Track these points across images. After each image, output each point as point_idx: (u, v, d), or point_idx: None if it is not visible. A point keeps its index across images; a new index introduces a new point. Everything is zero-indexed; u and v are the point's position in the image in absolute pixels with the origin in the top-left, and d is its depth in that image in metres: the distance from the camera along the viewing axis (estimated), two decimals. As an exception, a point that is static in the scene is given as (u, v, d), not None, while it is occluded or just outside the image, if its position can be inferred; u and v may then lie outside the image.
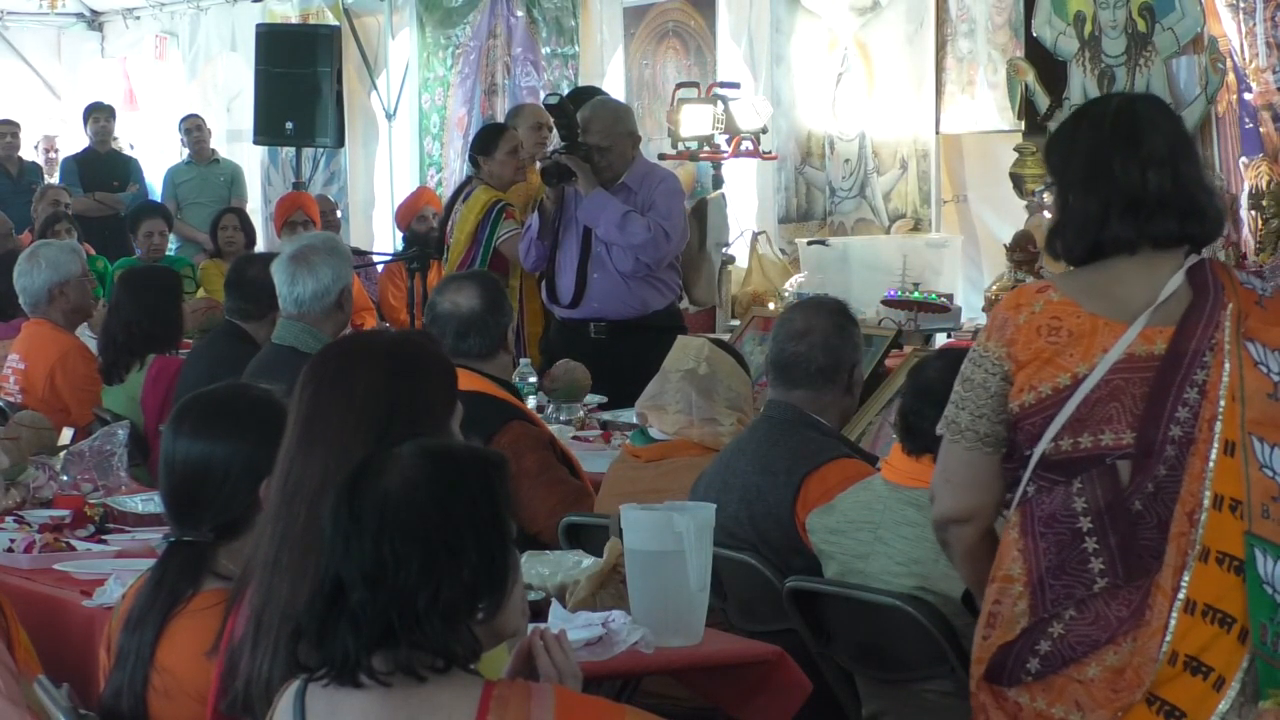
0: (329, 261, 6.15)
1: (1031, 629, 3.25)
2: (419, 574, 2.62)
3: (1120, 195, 3.32)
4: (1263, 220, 8.38)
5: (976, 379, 3.32)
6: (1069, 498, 3.26)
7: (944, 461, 3.37)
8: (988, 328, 3.35)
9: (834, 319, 4.85)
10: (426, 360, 3.20)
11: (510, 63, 13.01)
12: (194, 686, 3.41)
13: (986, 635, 3.31)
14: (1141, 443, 3.23)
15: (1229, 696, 3.20)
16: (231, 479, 3.51)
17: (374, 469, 2.69)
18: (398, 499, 2.65)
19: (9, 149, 14.36)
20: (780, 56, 10.98)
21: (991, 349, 3.32)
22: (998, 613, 3.30)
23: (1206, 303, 3.29)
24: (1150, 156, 3.34)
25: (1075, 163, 3.40)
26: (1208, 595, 3.19)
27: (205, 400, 3.68)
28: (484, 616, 2.68)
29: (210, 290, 10.38)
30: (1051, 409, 3.25)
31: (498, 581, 2.69)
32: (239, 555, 3.51)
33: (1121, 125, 3.39)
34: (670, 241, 7.94)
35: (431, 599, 2.62)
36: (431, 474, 2.68)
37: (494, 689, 2.65)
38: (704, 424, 5.09)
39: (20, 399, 7.25)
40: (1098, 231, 3.34)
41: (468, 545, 2.65)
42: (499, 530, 2.69)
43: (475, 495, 2.68)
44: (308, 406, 3.13)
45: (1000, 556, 3.33)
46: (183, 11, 15.94)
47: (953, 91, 10.04)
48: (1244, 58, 8.49)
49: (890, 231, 10.31)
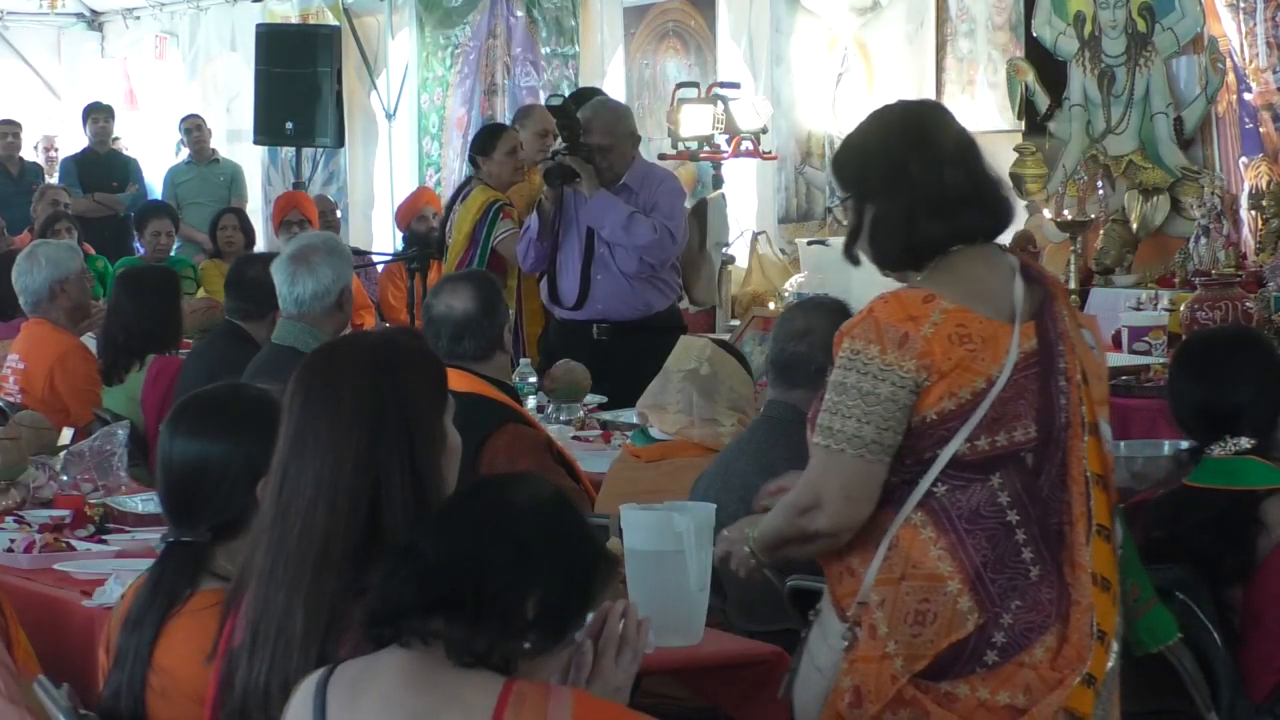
0: (329, 261, 6.14)
1: (986, 624, 3.32)
2: (499, 566, 2.68)
3: (922, 196, 3.42)
4: (1263, 220, 8.38)
5: (882, 393, 3.32)
6: (992, 493, 3.34)
7: (842, 478, 3.35)
8: (880, 341, 3.33)
9: (834, 319, 4.83)
10: (412, 357, 3.19)
11: (510, 63, 13.01)
12: (191, 687, 3.41)
13: (917, 633, 3.33)
14: (1043, 433, 3.35)
15: (1114, 653, 3.39)
16: (229, 478, 3.51)
17: (502, 482, 2.84)
18: (518, 505, 2.76)
19: (10, 149, 14.36)
20: (780, 56, 10.99)
21: (901, 363, 3.32)
22: (929, 610, 3.33)
23: (1043, 296, 3.44)
24: (943, 156, 3.45)
25: (870, 172, 3.49)
26: (1101, 567, 3.38)
27: (202, 400, 3.68)
28: (530, 648, 2.71)
29: (210, 290, 10.38)
30: (964, 414, 3.32)
31: (559, 626, 2.75)
32: (237, 555, 3.50)
33: (910, 130, 3.50)
34: (675, 242, 7.97)
35: (499, 593, 2.68)
36: (557, 506, 2.79)
37: (514, 686, 2.67)
38: (704, 424, 5.10)
39: (19, 399, 7.25)
40: (908, 234, 3.43)
41: (554, 577, 2.72)
42: (583, 589, 2.78)
43: (581, 546, 2.78)
44: (298, 414, 3.12)
45: (909, 556, 3.35)
46: (183, 11, 15.94)
47: (953, 91, 10.04)
48: (1244, 58, 8.49)
49: (890, 231, 10.30)
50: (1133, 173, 9.14)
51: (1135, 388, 7.37)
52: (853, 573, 3.41)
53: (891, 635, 3.34)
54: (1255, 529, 4.16)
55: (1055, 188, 9.08)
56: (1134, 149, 9.16)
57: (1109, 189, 9.11)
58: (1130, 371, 7.52)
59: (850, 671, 3.39)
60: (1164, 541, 4.20)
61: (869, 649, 3.36)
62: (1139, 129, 9.14)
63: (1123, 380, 7.43)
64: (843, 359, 3.37)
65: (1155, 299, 8.32)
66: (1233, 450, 4.24)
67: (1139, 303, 8.35)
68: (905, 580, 3.35)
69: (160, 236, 11.44)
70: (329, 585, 2.98)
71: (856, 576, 3.40)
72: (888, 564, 3.36)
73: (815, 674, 3.45)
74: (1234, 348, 4.43)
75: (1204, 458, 4.28)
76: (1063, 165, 9.39)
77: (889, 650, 3.34)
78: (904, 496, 3.36)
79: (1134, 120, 9.16)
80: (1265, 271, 8.06)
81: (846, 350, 3.37)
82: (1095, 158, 9.29)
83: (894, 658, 3.34)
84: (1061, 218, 7.94)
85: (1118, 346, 8.12)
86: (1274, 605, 4.15)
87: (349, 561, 2.96)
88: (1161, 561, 4.16)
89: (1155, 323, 7.98)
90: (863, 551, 3.39)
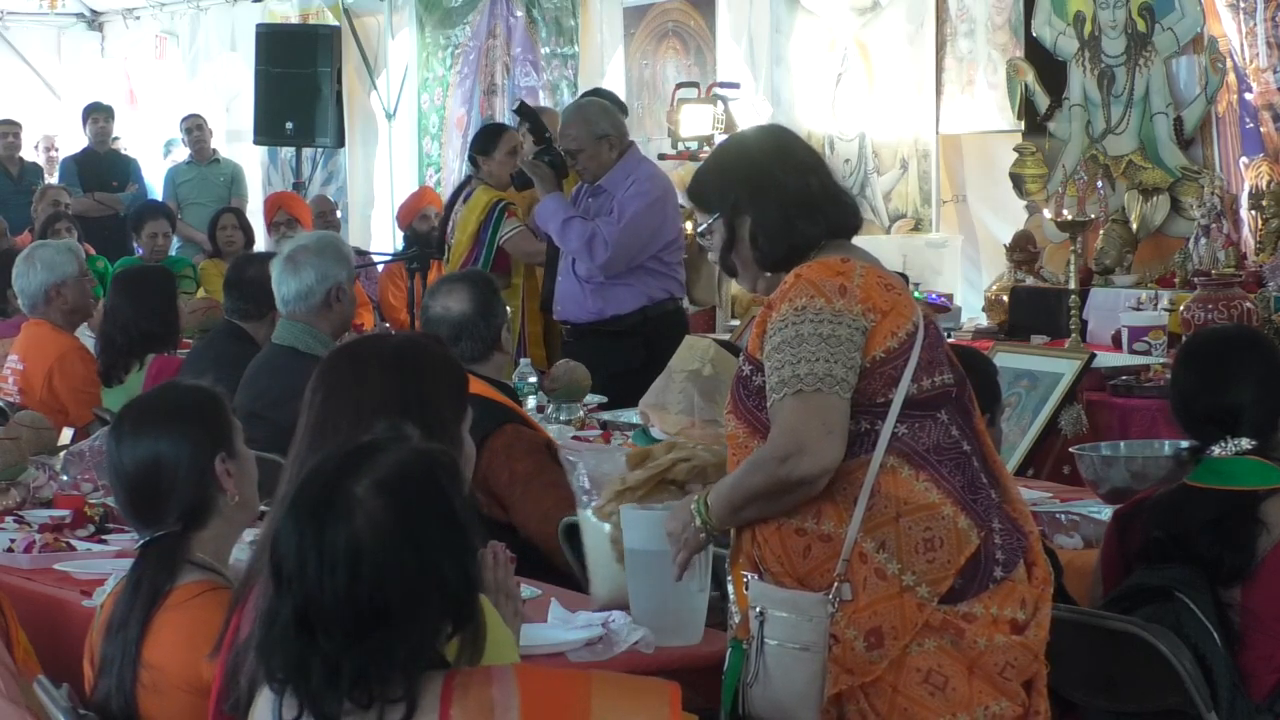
0: (314, 261, 6.15)
1: (986, 539, 3.52)
2: (399, 620, 2.56)
3: (792, 199, 3.69)
4: (1263, 220, 8.37)
5: (842, 335, 3.51)
6: (944, 427, 3.58)
7: (823, 416, 3.49)
8: (823, 294, 3.53)
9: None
10: (437, 364, 3.20)
11: (510, 63, 13.01)
12: (182, 678, 3.44)
13: (931, 559, 3.49)
14: (957, 378, 3.64)
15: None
16: (182, 467, 3.59)
17: (336, 511, 2.58)
18: (371, 546, 2.56)
19: (10, 149, 14.36)
20: (780, 56, 10.99)
21: (850, 307, 3.53)
22: (934, 536, 3.50)
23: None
24: (803, 164, 3.76)
25: (737, 188, 3.73)
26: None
27: (137, 404, 3.81)
28: (454, 628, 2.64)
29: (210, 290, 10.39)
30: (905, 353, 3.56)
31: (473, 586, 2.64)
32: (211, 543, 3.61)
33: (767, 144, 3.82)
34: (607, 252, 7.79)
35: (410, 642, 2.57)
36: (396, 511, 2.58)
37: (454, 678, 2.61)
38: (705, 425, 5.09)
39: (19, 400, 7.25)
40: (788, 234, 3.69)
41: (444, 568, 2.60)
42: (466, 536, 2.63)
43: (441, 512, 2.62)
44: (318, 410, 3.13)
45: (895, 496, 3.52)
46: (183, 11, 15.94)
47: (953, 91, 10.04)
48: (1244, 58, 8.49)
49: (890, 231, 10.32)
50: (1132, 173, 9.14)
51: (1135, 388, 7.37)
52: (827, 538, 3.53)
53: (906, 569, 3.49)
54: (1255, 529, 4.16)
55: (1055, 188, 9.08)
56: (1134, 149, 9.16)
57: (1109, 189, 9.11)
58: (1130, 371, 7.52)
59: (855, 621, 3.50)
60: (1164, 541, 4.20)
61: (880, 590, 3.50)
62: (1139, 129, 9.13)
63: (1123, 380, 7.43)
64: (788, 317, 3.54)
65: (1155, 299, 8.32)
66: (1233, 450, 4.24)
67: (1139, 303, 8.36)
68: (903, 517, 3.52)
69: (157, 237, 11.45)
70: None
71: (833, 540, 3.52)
72: (874, 511, 3.51)
73: (801, 655, 3.53)
74: (1235, 348, 4.42)
75: (1204, 458, 4.28)
76: (1062, 165, 9.38)
77: (907, 583, 3.49)
78: (871, 444, 3.53)
79: (1134, 120, 9.16)
80: (1265, 271, 8.06)
81: (788, 310, 3.54)
82: (1095, 158, 9.28)
83: (914, 589, 3.49)
84: (1061, 218, 7.93)
85: (1118, 346, 8.12)
86: (1274, 605, 4.14)
87: None
88: (1161, 561, 4.16)
89: (1155, 323, 7.98)
90: (836, 514, 3.53)
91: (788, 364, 3.51)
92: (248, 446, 3.73)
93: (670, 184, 8.12)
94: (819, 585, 3.53)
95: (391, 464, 2.63)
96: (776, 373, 3.53)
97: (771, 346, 3.55)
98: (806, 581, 3.55)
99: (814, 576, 3.54)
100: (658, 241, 7.90)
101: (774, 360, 3.54)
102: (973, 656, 3.49)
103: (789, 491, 3.53)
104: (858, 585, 3.50)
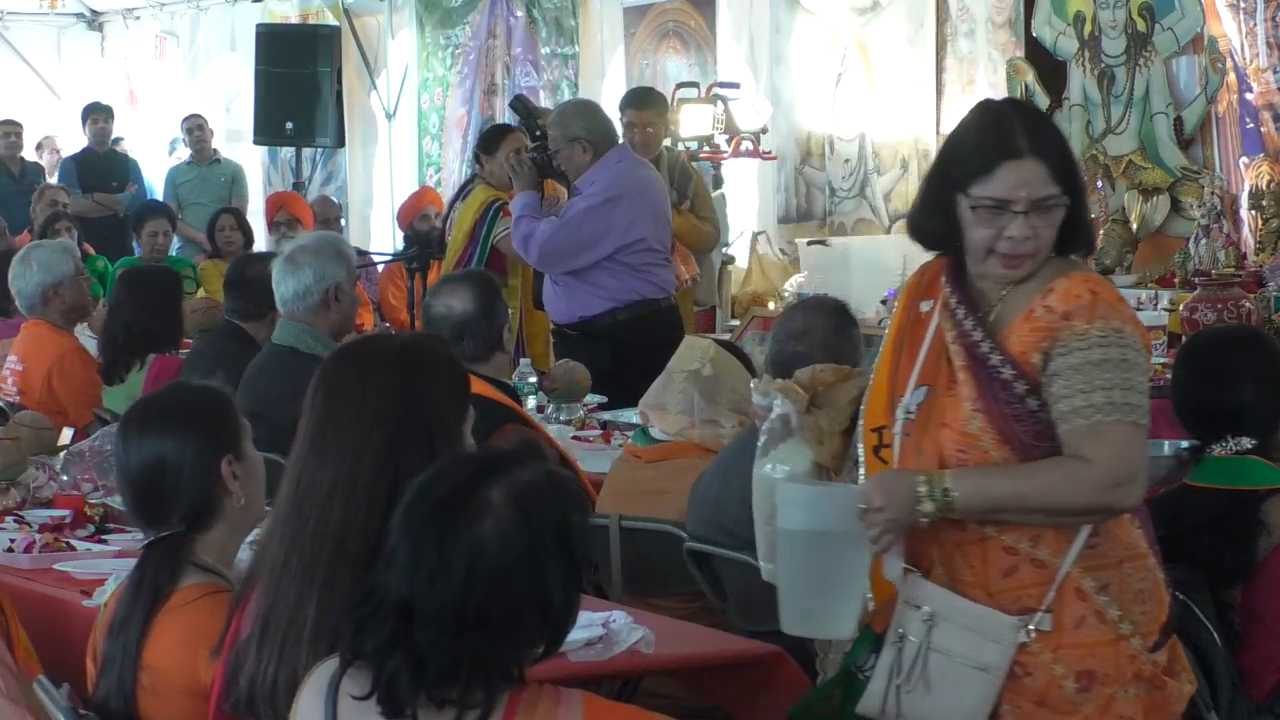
0: (311, 261, 6.15)
1: (1172, 595, 3.49)
2: (497, 631, 2.59)
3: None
4: (1263, 220, 8.38)
5: (1143, 364, 3.40)
6: None
7: (1143, 450, 3.39)
8: (1130, 321, 3.40)
9: (834, 319, 4.84)
10: (439, 365, 3.20)
11: (510, 63, 13.01)
12: (181, 681, 3.43)
13: (1145, 612, 3.43)
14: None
15: None
16: (187, 467, 3.58)
17: (469, 510, 2.61)
18: (493, 553, 2.59)
19: (11, 149, 14.36)
20: (780, 56, 10.99)
21: (1143, 337, 3.42)
22: (1146, 588, 3.44)
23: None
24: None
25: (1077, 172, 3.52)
26: None
27: (145, 403, 3.80)
28: (544, 653, 2.67)
29: (210, 290, 10.39)
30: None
31: (568, 622, 2.68)
32: (215, 545, 3.60)
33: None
34: (537, 251, 7.73)
35: (502, 654, 2.61)
36: (524, 525, 2.62)
37: (522, 694, 2.63)
38: (705, 425, 5.09)
39: (18, 400, 7.25)
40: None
41: (553, 597, 2.63)
42: (578, 568, 2.68)
43: (563, 538, 2.65)
44: (320, 410, 3.13)
45: (1117, 538, 3.42)
46: (183, 11, 15.95)
47: (953, 91, 10.04)
48: (1244, 58, 8.49)
49: (890, 231, 10.31)
50: (1132, 173, 9.14)
51: (1135, 388, 7.36)
52: (1041, 565, 3.38)
53: (1125, 617, 3.40)
54: (1256, 529, 4.16)
55: (1055, 188, 9.07)
56: (1134, 149, 9.16)
57: (1109, 189, 9.11)
58: (1130, 371, 7.51)
59: (1062, 658, 3.37)
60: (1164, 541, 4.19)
61: (1098, 633, 3.39)
62: (1139, 129, 9.14)
63: (1123, 380, 7.43)
64: (1110, 338, 3.36)
65: (1155, 299, 8.32)
66: (1234, 450, 4.24)
67: (1139, 303, 8.35)
68: (1124, 563, 3.43)
69: (157, 237, 11.44)
70: (343, 581, 2.99)
71: (1047, 569, 3.38)
72: (1098, 551, 3.40)
73: (977, 674, 3.36)
74: (1236, 347, 4.43)
75: (1205, 457, 4.28)
76: (1063, 165, 9.38)
77: (1123, 631, 3.40)
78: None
79: (1134, 120, 9.16)
80: (1265, 271, 8.07)
81: (1106, 329, 3.36)
82: (1095, 158, 9.29)
83: (1129, 638, 3.40)
84: (1062, 218, 7.93)
85: (1118, 346, 8.11)
86: (1274, 605, 4.15)
87: (365, 559, 2.95)
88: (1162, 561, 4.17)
89: (1155, 323, 7.98)
90: (1057, 543, 3.38)
91: (1118, 387, 3.35)
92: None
93: (639, 186, 7.81)
94: (1012, 607, 3.37)
95: (528, 479, 2.66)
96: (1104, 393, 3.34)
97: (1088, 361, 3.35)
98: (998, 599, 3.38)
99: (1009, 597, 3.38)
100: (607, 243, 7.67)
101: (1093, 377, 3.34)
102: (1163, 707, 3.42)
103: (1094, 514, 3.38)
104: (1065, 620, 3.37)
